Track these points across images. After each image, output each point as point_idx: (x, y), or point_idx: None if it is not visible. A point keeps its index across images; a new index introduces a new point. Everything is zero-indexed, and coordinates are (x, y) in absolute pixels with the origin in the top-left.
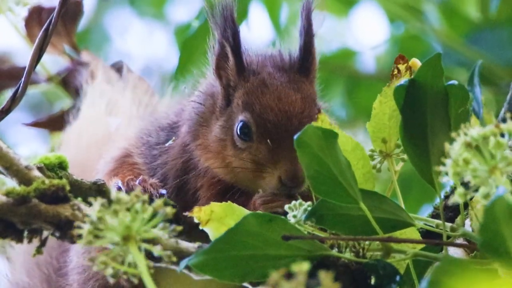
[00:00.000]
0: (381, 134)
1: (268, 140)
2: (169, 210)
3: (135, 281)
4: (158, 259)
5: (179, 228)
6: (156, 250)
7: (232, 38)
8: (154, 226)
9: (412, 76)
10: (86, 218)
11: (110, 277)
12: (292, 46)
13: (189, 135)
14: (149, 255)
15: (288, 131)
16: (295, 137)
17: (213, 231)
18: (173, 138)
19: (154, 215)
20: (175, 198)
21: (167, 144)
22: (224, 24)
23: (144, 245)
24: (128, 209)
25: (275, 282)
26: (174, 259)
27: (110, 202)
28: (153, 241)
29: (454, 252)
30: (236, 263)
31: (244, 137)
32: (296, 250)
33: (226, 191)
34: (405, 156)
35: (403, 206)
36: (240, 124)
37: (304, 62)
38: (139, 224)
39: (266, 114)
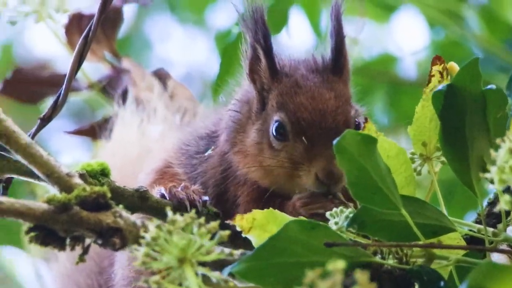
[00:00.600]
0: (421, 137)
1: (303, 138)
2: (225, 233)
3: None
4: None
5: (235, 252)
6: (214, 276)
7: (263, 40)
8: (209, 252)
9: (449, 80)
10: (141, 240)
11: None
12: (326, 49)
13: (227, 143)
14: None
15: (323, 129)
16: (334, 142)
17: (256, 238)
18: (212, 147)
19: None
20: (215, 206)
21: (206, 154)
22: (255, 27)
23: (201, 269)
24: (183, 229)
25: (311, 282)
26: (232, 284)
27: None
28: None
29: (498, 258)
30: (279, 270)
31: (280, 137)
32: (338, 257)
33: (264, 196)
34: (444, 159)
35: (444, 209)
36: (276, 124)
37: (336, 62)
38: (195, 248)
39: (300, 113)
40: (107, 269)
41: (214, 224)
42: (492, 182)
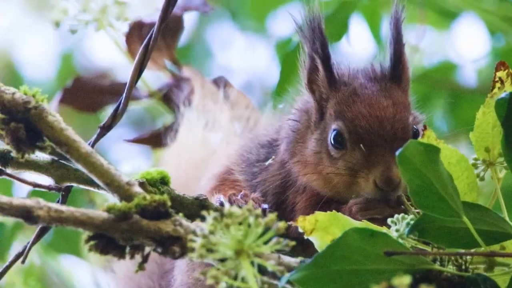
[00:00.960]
0: (484, 143)
1: (361, 145)
2: (282, 225)
3: None
4: (265, 273)
5: (292, 243)
6: (270, 265)
7: (321, 49)
8: (267, 242)
9: None
10: (199, 232)
11: None
12: (385, 57)
13: (287, 153)
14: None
15: (381, 136)
16: (397, 153)
17: (318, 240)
18: (273, 156)
19: (266, 230)
20: None
21: (266, 163)
22: (312, 37)
23: (257, 260)
24: (240, 223)
25: None
26: (287, 274)
27: (222, 216)
28: (264, 256)
29: None
30: (337, 278)
31: (338, 146)
32: (398, 265)
33: (320, 202)
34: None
35: (506, 215)
36: (334, 133)
37: (395, 70)
38: (251, 239)
39: (358, 120)
40: (168, 272)
41: (271, 216)
42: None
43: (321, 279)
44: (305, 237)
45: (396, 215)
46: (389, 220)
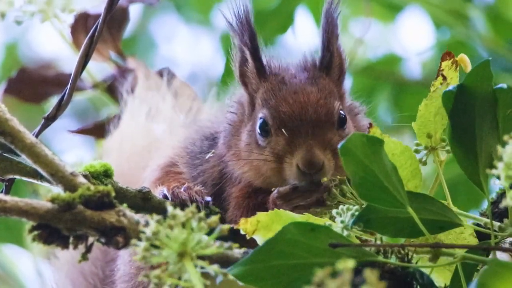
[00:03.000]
0: (426, 129)
1: (283, 130)
2: (225, 227)
3: None
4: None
5: (236, 245)
6: (213, 269)
7: (249, 40)
8: (210, 245)
9: (459, 72)
10: (142, 235)
11: None
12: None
13: (224, 146)
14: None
15: (303, 120)
16: (339, 145)
17: (261, 238)
18: (213, 151)
19: (210, 231)
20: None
21: (207, 156)
22: (241, 29)
23: (200, 263)
24: (183, 225)
25: (320, 281)
26: (230, 277)
27: (165, 218)
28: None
29: (500, 256)
30: (278, 273)
31: (264, 134)
32: (341, 257)
33: (251, 193)
34: (449, 149)
35: (449, 198)
36: (260, 121)
37: (323, 59)
38: (195, 242)
39: (281, 106)
40: (112, 261)
41: (214, 218)
42: (498, 178)
43: (261, 274)
44: (248, 238)
45: (341, 206)
46: (334, 211)
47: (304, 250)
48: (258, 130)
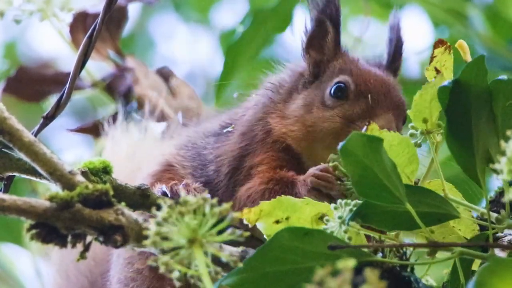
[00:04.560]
0: (421, 115)
1: (369, 96)
2: (236, 215)
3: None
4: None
5: (246, 233)
6: (224, 256)
7: (335, 13)
8: (221, 231)
9: (452, 55)
10: (152, 220)
11: (176, 280)
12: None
13: (260, 113)
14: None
15: (387, 97)
16: (338, 146)
17: (264, 226)
18: (232, 125)
19: (220, 219)
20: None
21: (225, 130)
22: (325, 2)
23: (211, 250)
24: (194, 212)
25: (320, 280)
26: (240, 264)
27: (177, 204)
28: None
29: (498, 252)
30: (274, 279)
31: (339, 95)
32: (338, 259)
33: (280, 167)
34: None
35: (445, 184)
36: (336, 85)
37: (393, 63)
38: (206, 228)
39: (368, 77)
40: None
41: (226, 205)
42: (499, 173)
43: (256, 281)
44: (250, 226)
45: (339, 201)
46: (331, 206)
47: (299, 255)
48: (330, 92)
